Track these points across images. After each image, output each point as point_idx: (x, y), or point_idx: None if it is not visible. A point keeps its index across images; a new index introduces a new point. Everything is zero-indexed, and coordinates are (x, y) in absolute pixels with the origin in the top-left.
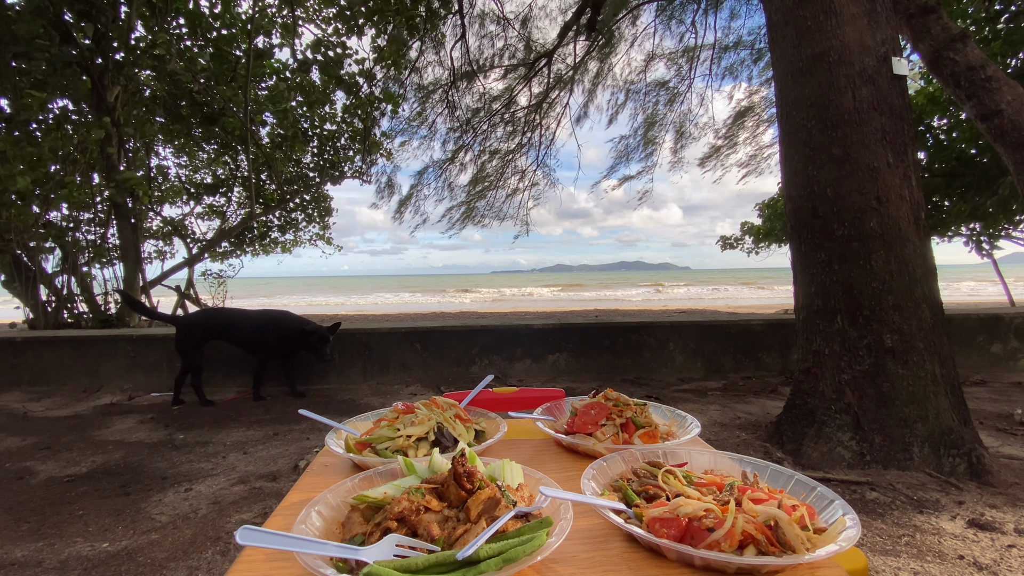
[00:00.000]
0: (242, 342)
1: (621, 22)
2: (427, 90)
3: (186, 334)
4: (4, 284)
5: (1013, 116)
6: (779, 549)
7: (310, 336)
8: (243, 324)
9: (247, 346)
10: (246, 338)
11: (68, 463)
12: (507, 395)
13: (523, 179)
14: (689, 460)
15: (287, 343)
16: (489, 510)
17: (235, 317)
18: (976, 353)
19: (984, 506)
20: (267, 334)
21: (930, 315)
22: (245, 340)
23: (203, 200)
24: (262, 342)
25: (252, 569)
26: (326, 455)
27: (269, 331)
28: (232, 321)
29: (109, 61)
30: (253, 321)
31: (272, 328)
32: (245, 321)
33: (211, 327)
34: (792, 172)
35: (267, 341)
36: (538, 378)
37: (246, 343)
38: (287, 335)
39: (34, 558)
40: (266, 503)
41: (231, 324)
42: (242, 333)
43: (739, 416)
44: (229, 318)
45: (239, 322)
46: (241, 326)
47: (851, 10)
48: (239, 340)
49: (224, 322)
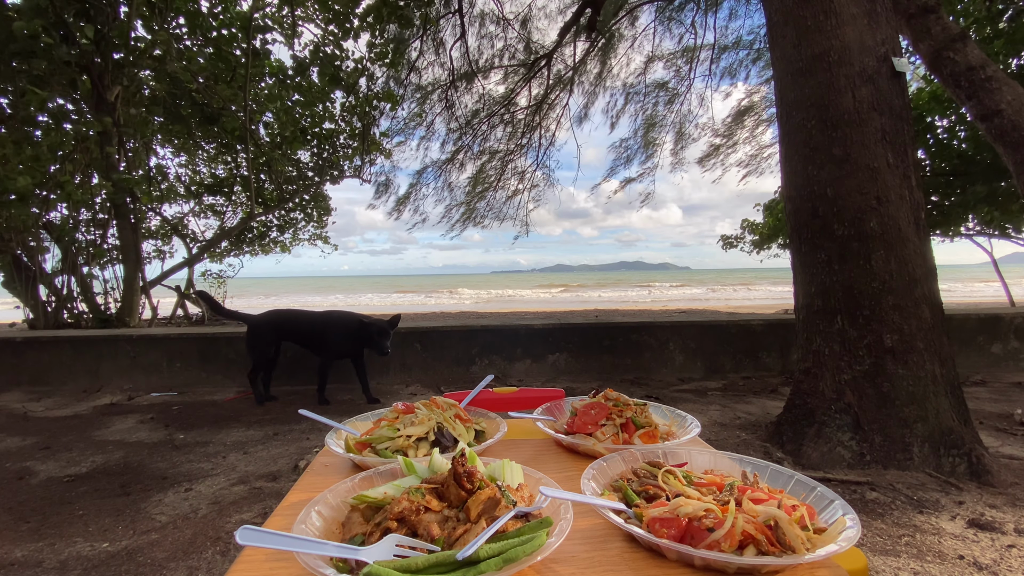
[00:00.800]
0: (307, 342)
1: (621, 23)
2: (426, 91)
3: (254, 333)
4: (4, 284)
5: (1013, 116)
6: (779, 549)
7: (369, 328)
8: (307, 324)
9: (312, 346)
10: (310, 338)
11: (68, 463)
12: (507, 395)
13: (523, 180)
14: (689, 460)
15: (349, 341)
16: (489, 510)
17: (300, 318)
18: (976, 353)
19: (984, 506)
20: (329, 334)
21: (930, 315)
22: (309, 340)
23: (203, 200)
24: (325, 342)
25: (252, 569)
26: (326, 455)
27: (331, 330)
28: (297, 321)
29: (109, 61)
30: (316, 322)
31: (333, 327)
32: (309, 322)
33: (278, 327)
34: (792, 172)
35: (330, 341)
36: (538, 378)
37: (310, 343)
38: (348, 332)
39: (34, 558)
40: (266, 503)
41: (297, 324)
42: (306, 333)
43: (739, 416)
44: (295, 319)
45: (303, 323)
46: (305, 326)
47: (851, 10)
48: (304, 340)
49: (290, 322)
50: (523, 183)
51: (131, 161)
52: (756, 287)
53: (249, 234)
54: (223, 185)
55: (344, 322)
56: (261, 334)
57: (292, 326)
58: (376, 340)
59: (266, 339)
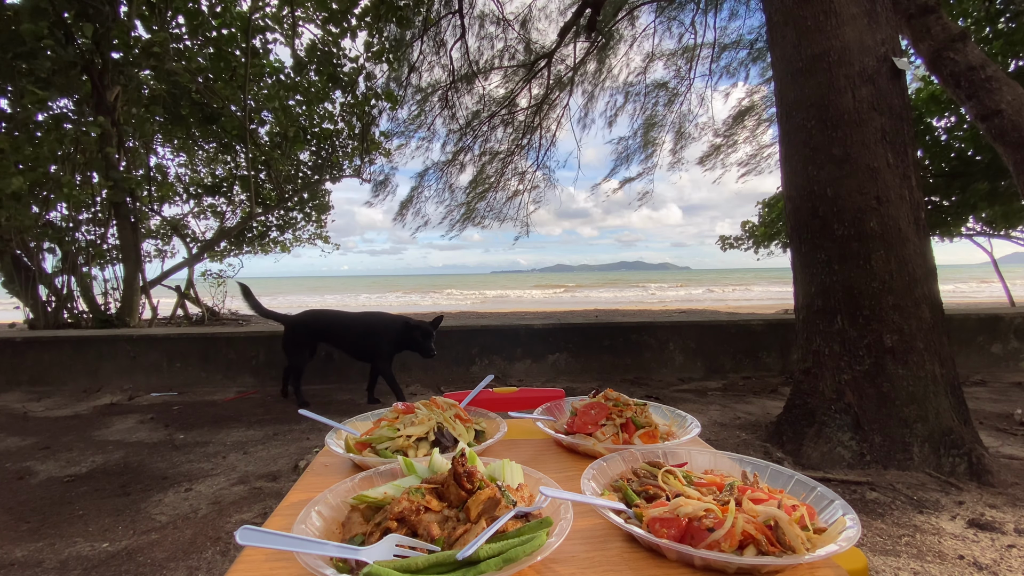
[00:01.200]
0: (345, 345)
1: (620, 23)
2: (426, 92)
3: (291, 334)
4: (4, 284)
5: (1013, 116)
6: (779, 549)
7: (413, 331)
8: (346, 326)
9: (350, 350)
10: (348, 341)
11: (68, 463)
12: (507, 395)
13: (523, 180)
14: (689, 460)
15: (391, 343)
16: (489, 510)
17: (338, 319)
18: (976, 353)
19: (984, 506)
20: (370, 337)
21: (930, 315)
22: (347, 343)
23: (203, 200)
24: (365, 345)
25: (252, 569)
26: (326, 455)
27: (373, 333)
28: (336, 323)
29: (109, 61)
30: (354, 323)
31: (376, 329)
32: (348, 323)
33: (314, 329)
34: (792, 172)
35: (370, 344)
36: (538, 378)
37: (349, 347)
38: (391, 335)
39: (34, 558)
40: (266, 503)
41: (335, 326)
42: (345, 335)
43: (739, 416)
44: (333, 320)
45: (342, 324)
46: (344, 328)
47: (851, 10)
48: (341, 343)
49: (328, 323)
50: (523, 184)
51: (131, 161)
52: (756, 287)
53: (249, 234)
54: (223, 185)
55: (387, 324)
56: (297, 335)
57: (330, 327)
58: (421, 342)
59: (302, 340)
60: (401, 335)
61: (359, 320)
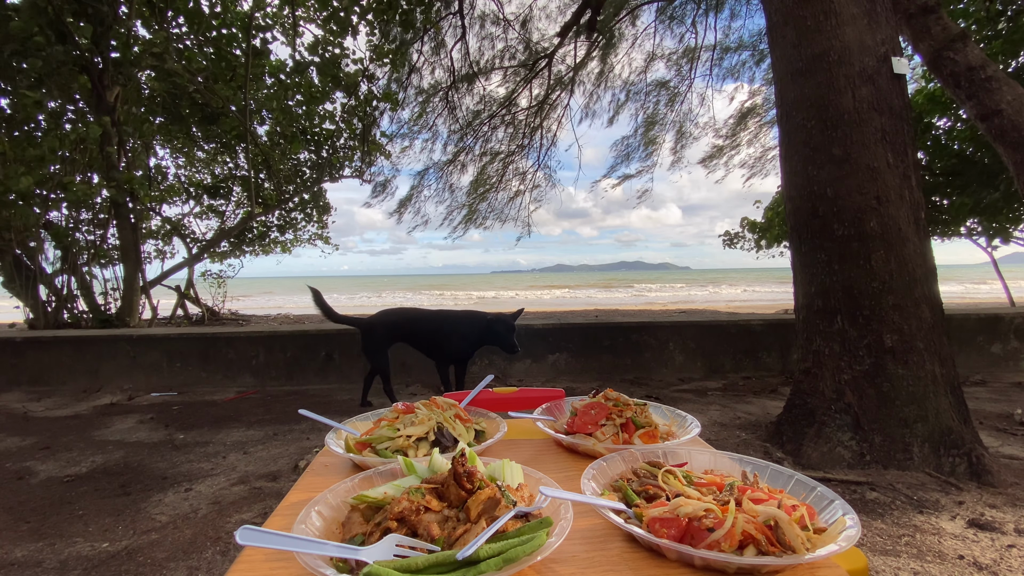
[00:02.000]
0: (424, 344)
1: (621, 23)
2: (427, 93)
3: (369, 336)
4: (4, 284)
5: (1013, 116)
6: (779, 549)
7: (495, 325)
8: (425, 325)
9: (430, 349)
10: (429, 340)
11: (68, 463)
12: (507, 395)
13: (524, 181)
14: (689, 460)
15: (471, 340)
16: (489, 510)
17: (417, 317)
18: (976, 353)
19: (984, 506)
20: (451, 334)
21: (930, 315)
22: (426, 342)
23: (203, 200)
24: (445, 344)
25: (252, 569)
26: (326, 455)
27: (455, 330)
28: (414, 321)
29: (108, 61)
30: (436, 321)
31: (458, 326)
32: (427, 321)
33: (392, 328)
34: (792, 172)
35: (450, 342)
36: (538, 378)
37: (427, 345)
38: (474, 332)
39: (34, 558)
40: (266, 503)
41: (413, 325)
42: (425, 334)
43: (739, 416)
44: (411, 318)
45: (421, 323)
46: (424, 327)
47: (851, 10)
48: (421, 342)
49: (406, 323)
50: (524, 184)
51: (131, 161)
52: (756, 287)
53: (249, 234)
54: (223, 185)
55: (469, 321)
56: (376, 337)
57: (408, 326)
58: (504, 336)
59: (381, 341)
60: (483, 331)
61: (438, 317)
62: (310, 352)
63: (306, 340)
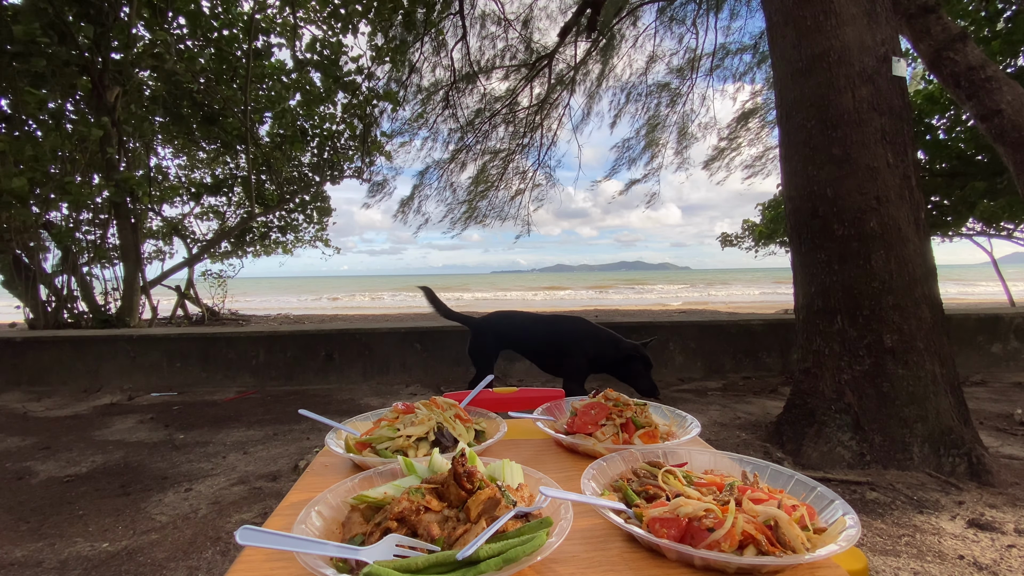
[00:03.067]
0: (533, 354)
1: (622, 23)
2: (428, 92)
3: (477, 339)
4: (4, 284)
5: (1013, 116)
6: (779, 549)
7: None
8: (537, 333)
9: (540, 360)
10: (539, 351)
11: (68, 463)
12: (507, 395)
13: (524, 180)
14: (689, 460)
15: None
16: (489, 510)
17: (529, 322)
18: (976, 353)
19: (984, 506)
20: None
21: (930, 315)
22: (537, 352)
23: (203, 200)
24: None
25: (252, 569)
26: (326, 455)
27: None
28: (525, 328)
29: (109, 61)
30: (550, 331)
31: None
32: (540, 329)
33: (502, 334)
34: (792, 172)
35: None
36: (538, 378)
37: (538, 356)
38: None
39: (34, 558)
40: (266, 503)
41: (524, 330)
42: (536, 345)
43: (739, 416)
44: (522, 325)
45: (533, 330)
46: (535, 334)
47: (851, 10)
48: (530, 351)
49: (517, 329)
50: (525, 183)
51: (131, 161)
52: (756, 287)
53: (250, 235)
54: (223, 185)
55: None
56: (485, 340)
57: (519, 332)
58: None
59: (490, 346)
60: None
61: (555, 327)
62: (310, 352)
63: (306, 340)
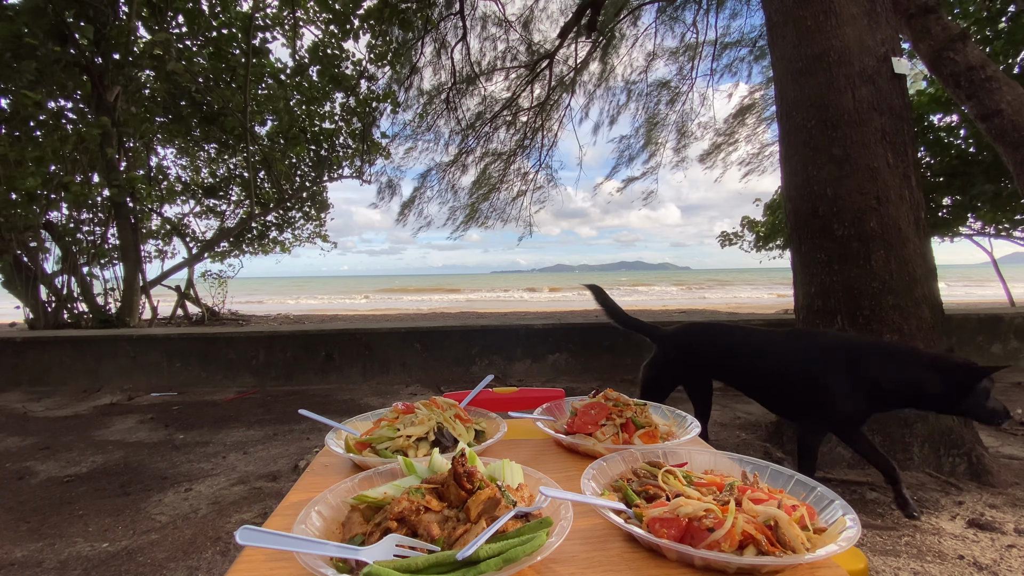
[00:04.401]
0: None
1: (622, 23)
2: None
3: (660, 358)
4: (4, 284)
5: (1013, 116)
6: (779, 549)
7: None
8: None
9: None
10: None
11: (68, 463)
12: (507, 395)
13: (526, 181)
14: (689, 460)
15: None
16: (489, 510)
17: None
18: (976, 353)
19: (984, 506)
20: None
21: (930, 315)
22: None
23: (203, 200)
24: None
25: (252, 569)
26: (326, 455)
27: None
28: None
29: (109, 61)
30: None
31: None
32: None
33: (701, 354)
34: (792, 172)
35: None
36: (538, 378)
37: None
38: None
39: (34, 558)
40: (266, 503)
41: (742, 352)
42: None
43: (739, 416)
44: (733, 341)
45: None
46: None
47: (851, 10)
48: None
49: (726, 348)
50: (526, 184)
51: (131, 161)
52: (756, 287)
53: (249, 234)
54: (223, 185)
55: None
56: (672, 361)
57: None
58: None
59: (676, 370)
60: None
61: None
62: (310, 352)
63: (306, 340)
